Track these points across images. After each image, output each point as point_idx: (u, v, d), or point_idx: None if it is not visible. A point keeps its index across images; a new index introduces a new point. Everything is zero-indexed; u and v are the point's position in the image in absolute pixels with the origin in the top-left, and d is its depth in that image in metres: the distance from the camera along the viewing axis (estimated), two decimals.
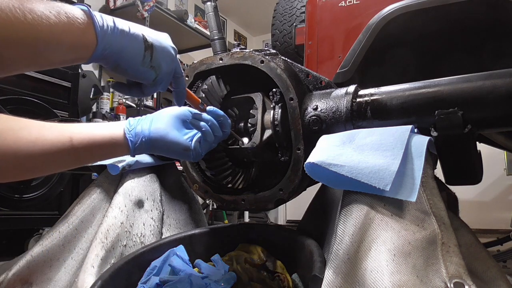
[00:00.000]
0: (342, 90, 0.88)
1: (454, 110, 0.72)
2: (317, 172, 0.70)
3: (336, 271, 0.61)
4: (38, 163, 0.73)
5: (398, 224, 0.61)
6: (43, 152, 0.71)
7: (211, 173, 0.99)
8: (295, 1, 1.87)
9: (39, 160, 0.72)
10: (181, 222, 1.19)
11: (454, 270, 0.54)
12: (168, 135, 0.81)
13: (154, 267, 0.87)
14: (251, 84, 0.97)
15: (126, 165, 1.10)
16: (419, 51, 1.20)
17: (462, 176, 0.77)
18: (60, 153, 0.73)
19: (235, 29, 6.63)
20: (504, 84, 0.71)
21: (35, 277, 0.97)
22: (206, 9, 1.24)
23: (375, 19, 1.08)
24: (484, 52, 1.13)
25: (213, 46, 1.20)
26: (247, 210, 4.01)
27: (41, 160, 0.72)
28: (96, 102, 3.23)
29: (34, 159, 0.71)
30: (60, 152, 0.73)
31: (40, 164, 0.73)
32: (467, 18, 1.08)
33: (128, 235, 1.01)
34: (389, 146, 0.68)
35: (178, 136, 0.82)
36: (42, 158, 0.72)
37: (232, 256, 0.90)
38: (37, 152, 0.71)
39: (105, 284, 0.79)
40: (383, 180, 0.62)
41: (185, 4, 5.46)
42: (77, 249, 1.05)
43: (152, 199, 1.13)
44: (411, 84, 0.81)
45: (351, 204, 0.67)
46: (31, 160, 0.71)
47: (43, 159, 0.72)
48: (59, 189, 2.18)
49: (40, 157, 0.72)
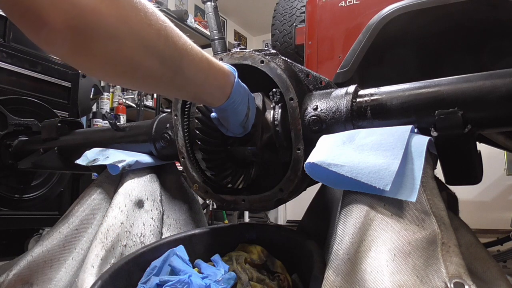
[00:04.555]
0: (342, 90, 0.88)
1: (454, 110, 0.72)
2: (317, 172, 0.70)
3: (336, 271, 0.61)
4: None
5: (398, 224, 0.61)
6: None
7: (211, 173, 0.99)
8: (295, 1, 1.87)
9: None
10: (181, 222, 1.19)
11: (454, 270, 0.54)
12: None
13: (154, 267, 0.87)
14: (251, 84, 0.97)
15: (126, 165, 1.10)
16: (419, 51, 1.20)
17: (462, 176, 0.77)
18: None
19: (235, 29, 6.62)
20: (504, 84, 0.71)
21: (35, 277, 0.98)
22: (206, 9, 1.24)
23: (375, 19, 1.08)
24: (484, 52, 1.13)
25: (213, 46, 1.21)
26: (247, 210, 4.01)
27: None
28: (96, 102, 3.22)
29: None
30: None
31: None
32: (467, 18, 1.08)
33: (128, 235, 1.01)
34: (389, 146, 0.68)
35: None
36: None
37: (232, 256, 0.90)
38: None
39: (105, 284, 0.79)
40: (383, 180, 0.62)
41: (185, 4, 5.46)
42: (77, 249, 1.05)
43: (152, 199, 1.13)
44: (411, 84, 0.81)
45: (351, 204, 0.67)
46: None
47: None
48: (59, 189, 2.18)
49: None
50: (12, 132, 1.70)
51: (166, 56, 0.58)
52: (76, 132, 1.49)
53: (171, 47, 0.58)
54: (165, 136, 1.16)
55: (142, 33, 0.53)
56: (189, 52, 0.63)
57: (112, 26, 0.49)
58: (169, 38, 0.58)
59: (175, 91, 0.73)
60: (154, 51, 0.56)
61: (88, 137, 1.40)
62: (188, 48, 0.62)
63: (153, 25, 0.55)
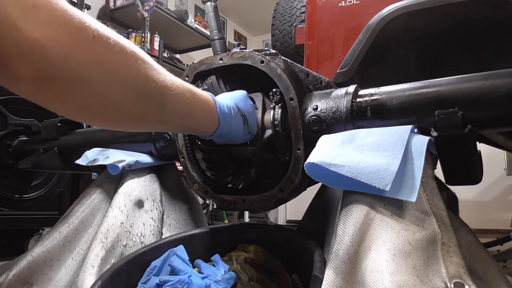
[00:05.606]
0: (342, 90, 0.88)
1: (454, 110, 0.72)
2: (317, 172, 0.70)
3: (336, 271, 0.61)
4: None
5: (398, 224, 0.61)
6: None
7: (211, 173, 0.99)
8: (295, 1, 1.87)
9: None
10: (181, 222, 1.19)
11: (454, 270, 0.54)
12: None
13: (154, 267, 0.87)
14: (251, 84, 0.97)
15: (126, 165, 1.10)
16: (419, 51, 1.20)
17: (462, 176, 0.77)
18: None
19: (235, 29, 6.62)
20: (504, 84, 0.71)
21: (35, 277, 0.98)
22: (206, 9, 1.24)
23: (375, 19, 1.08)
24: (484, 52, 1.13)
25: (213, 46, 1.21)
26: (247, 210, 4.00)
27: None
28: None
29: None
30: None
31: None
32: (467, 18, 1.08)
33: (128, 235, 1.01)
34: (389, 146, 0.68)
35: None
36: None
37: (232, 256, 0.90)
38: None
39: (105, 284, 0.79)
40: (383, 180, 0.62)
41: (185, 4, 5.45)
42: (77, 249, 1.05)
43: (152, 199, 1.13)
44: (411, 84, 0.81)
45: (351, 204, 0.67)
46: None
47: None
48: (59, 189, 2.18)
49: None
50: (12, 132, 1.70)
51: (146, 95, 0.57)
52: (76, 132, 1.49)
53: (151, 86, 0.57)
54: (165, 136, 1.16)
55: (119, 76, 0.52)
56: (171, 88, 0.62)
57: (86, 72, 0.47)
58: (149, 78, 0.57)
59: (162, 126, 0.74)
60: (133, 92, 0.55)
61: (88, 137, 1.40)
62: (168, 84, 0.61)
63: (132, 66, 0.54)
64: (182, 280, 0.77)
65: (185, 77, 1.02)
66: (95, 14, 3.95)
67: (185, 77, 1.02)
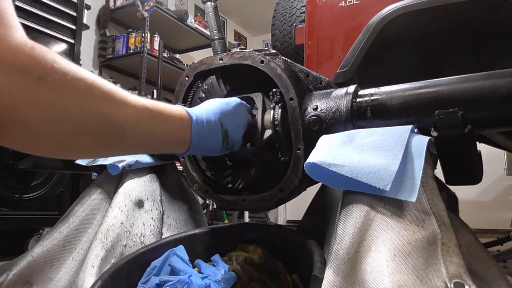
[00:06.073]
0: (342, 90, 0.88)
1: (454, 110, 0.72)
2: (317, 172, 0.70)
3: (336, 271, 0.61)
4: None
5: (398, 224, 0.61)
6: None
7: (211, 173, 0.99)
8: (295, 1, 1.87)
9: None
10: (181, 222, 1.19)
11: (454, 270, 0.54)
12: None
13: (154, 267, 0.87)
14: (251, 84, 0.97)
15: (126, 165, 1.10)
16: (419, 51, 1.20)
17: (462, 176, 0.77)
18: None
19: (235, 29, 6.63)
20: (504, 84, 0.71)
21: (35, 277, 0.98)
22: (206, 9, 1.24)
23: (375, 19, 1.08)
24: (484, 52, 1.13)
25: (213, 46, 1.21)
26: (247, 210, 4.01)
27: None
28: None
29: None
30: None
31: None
32: (467, 18, 1.08)
33: (128, 235, 1.01)
34: (389, 146, 0.68)
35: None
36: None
37: (232, 256, 0.90)
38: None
39: (105, 284, 0.79)
40: (383, 180, 0.62)
41: (185, 4, 5.46)
42: (77, 249, 1.05)
43: (152, 199, 1.13)
44: (411, 84, 0.81)
45: (351, 204, 0.67)
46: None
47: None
48: (59, 189, 2.18)
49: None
50: None
51: (99, 133, 0.55)
52: None
53: (105, 124, 0.55)
54: None
55: (68, 117, 0.50)
56: (134, 119, 0.59)
57: (29, 117, 0.46)
58: (105, 115, 0.54)
59: (126, 153, 0.73)
60: (85, 131, 0.53)
61: None
62: (131, 116, 0.58)
63: (83, 105, 0.51)
64: (182, 280, 0.77)
65: (185, 77, 1.03)
66: (95, 14, 3.95)
67: (185, 77, 1.03)
